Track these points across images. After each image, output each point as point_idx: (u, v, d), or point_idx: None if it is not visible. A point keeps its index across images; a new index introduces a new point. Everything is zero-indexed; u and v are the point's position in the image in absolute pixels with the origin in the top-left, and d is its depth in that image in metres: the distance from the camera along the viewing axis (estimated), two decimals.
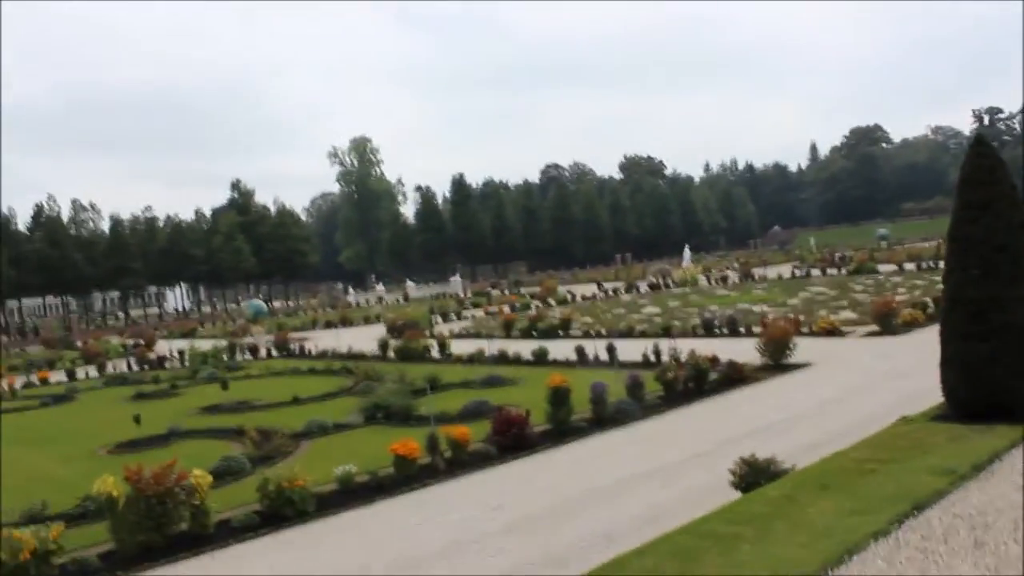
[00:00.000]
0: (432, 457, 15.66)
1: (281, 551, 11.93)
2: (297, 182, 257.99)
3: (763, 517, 9.14)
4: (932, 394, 14.50)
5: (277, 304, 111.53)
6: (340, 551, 11.61)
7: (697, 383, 20.63)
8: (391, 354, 35.73)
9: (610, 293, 65.98)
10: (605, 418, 18.16)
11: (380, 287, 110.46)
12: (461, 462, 15.79)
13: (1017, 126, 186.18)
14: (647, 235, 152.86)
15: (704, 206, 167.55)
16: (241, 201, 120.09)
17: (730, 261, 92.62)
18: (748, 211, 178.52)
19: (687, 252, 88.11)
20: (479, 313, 59.16)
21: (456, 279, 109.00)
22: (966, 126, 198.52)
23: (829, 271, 67.88)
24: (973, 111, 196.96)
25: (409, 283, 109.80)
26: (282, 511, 13.17)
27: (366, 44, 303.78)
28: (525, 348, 30.89)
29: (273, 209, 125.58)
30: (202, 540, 12.56)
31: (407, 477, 14.91)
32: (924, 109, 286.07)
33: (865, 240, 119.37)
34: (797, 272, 67.96)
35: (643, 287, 68.83)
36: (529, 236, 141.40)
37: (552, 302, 61.27)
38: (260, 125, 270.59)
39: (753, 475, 9.63)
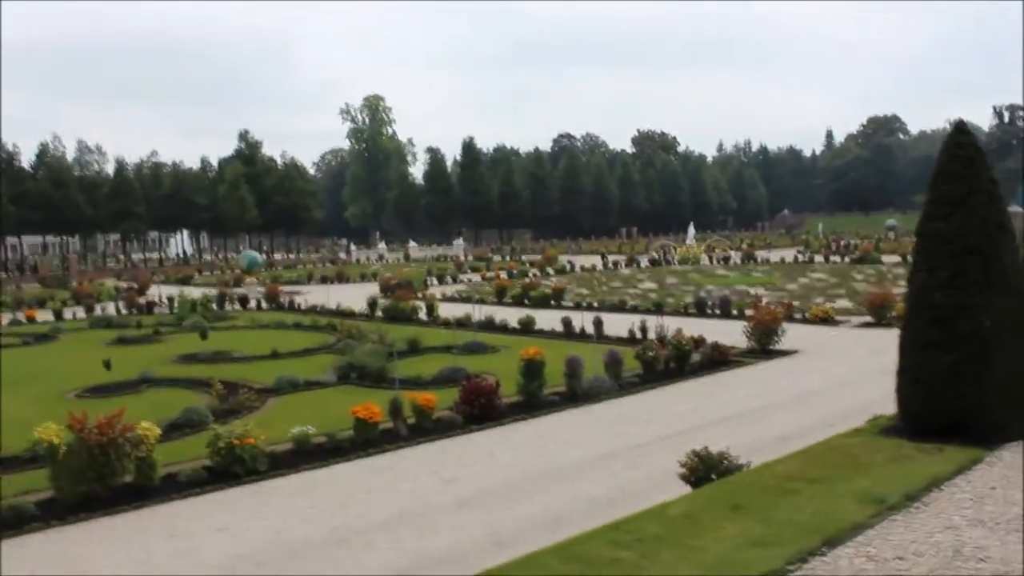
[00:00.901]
0: (394, 422, 15.23)
1: (223, 510, 11.51)
2: (309, 137, 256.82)
3: (653, 540, 7.97)
4: None
5: (278, 256, 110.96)
6: (283, 515, 11.18)
7: (678, 363, 20.14)
8: (379, 313, 35.30)
9: (611, 266, 65.46)
10: (579, 393, 17.71)
11: (382, 245, 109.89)
12: (424, 429, 15.37)
13: None
14: (655, 210, 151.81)
15: (715, 185, 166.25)
16: (248, 152, 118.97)
17: (735, 241, 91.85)
18: (759, 193, 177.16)
19: (691, 230, 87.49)
20: (476, 278, 58.72)
21: (459, 242, 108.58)
22: (985, 122, 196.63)
23: (832, 258, 67.32)
24: (994, 107, 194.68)
25: (411, 243, 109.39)
26: (231, 468, 12.75)
27: (388, 15, 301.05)
28: (514, 316, 30.42)
29: (280, 162, 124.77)
30: (145, 493, 12.15)
31: (366, 441, 14.48)
32: (944, 103, 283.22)
33: (874, 229, 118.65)
34: (800, 257, 67.44)
35: (644, 262, 68.28)
36: (536, 204, 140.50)
37: (551, 271, 60.79)
38: (277, 81, 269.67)
39: (704, 470, 9.08)
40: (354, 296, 41.30)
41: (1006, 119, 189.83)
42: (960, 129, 12.17)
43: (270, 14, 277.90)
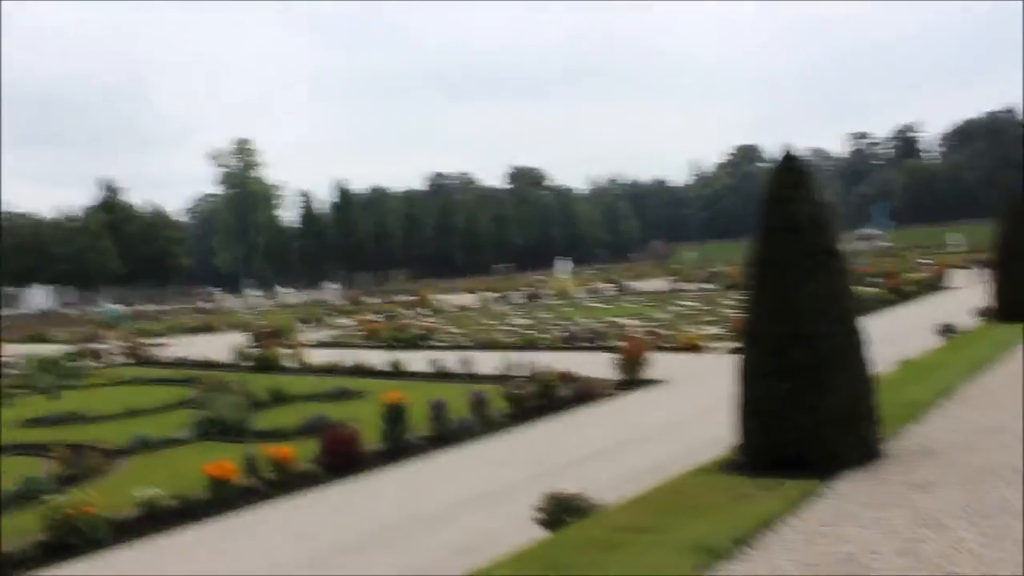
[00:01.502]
0: (252, 479, 14.57)
1: None
2: (180, 182, 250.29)
3: None
4: None
5: (145, 308, 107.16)
6: None
7: (547, 400, 19.98)
8: (245, 363, 34.22)
9: (485, 303, 65.42)
10: (445, 436, 17.33)
11: (252, 292, 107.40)
12: (284, 484, 14.71)
13: (886, 151, 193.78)
14: (530, 245, 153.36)
15: (587, 218, 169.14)
16: (109, 199, 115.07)
17: (608, 273, 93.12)
18: (631, 224, 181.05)
19: (558, 263, 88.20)
20: (348, 321, 57.76)
21: (332, 286, 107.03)
22: (843, 150, 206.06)
23: (703, 286, 68.76)
24: (846, 134, 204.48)
25: (282, 289, 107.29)
26: (68, 541, 11.88)
27: (253, 46, 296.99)
28: (384, 359, 29.87)
29: (145, 209, 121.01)
30: None
31: (221, 501, 13.77)
32: (804, 130, 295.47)
33: (744, 255, 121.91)
34: (671, 286, 68.70)
35: (517, 298, 68.45)
36: (411, 244, 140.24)
37: (424, 311, 60.34)
38: (142, 125, 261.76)
39: (559, 511, 8.83)
40: (221, 346, 39.99)
41: (857, 146, 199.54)
42: (789, 157, 11.97)
43: (122, 53, 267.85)
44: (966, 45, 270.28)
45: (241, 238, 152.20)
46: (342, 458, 15.43)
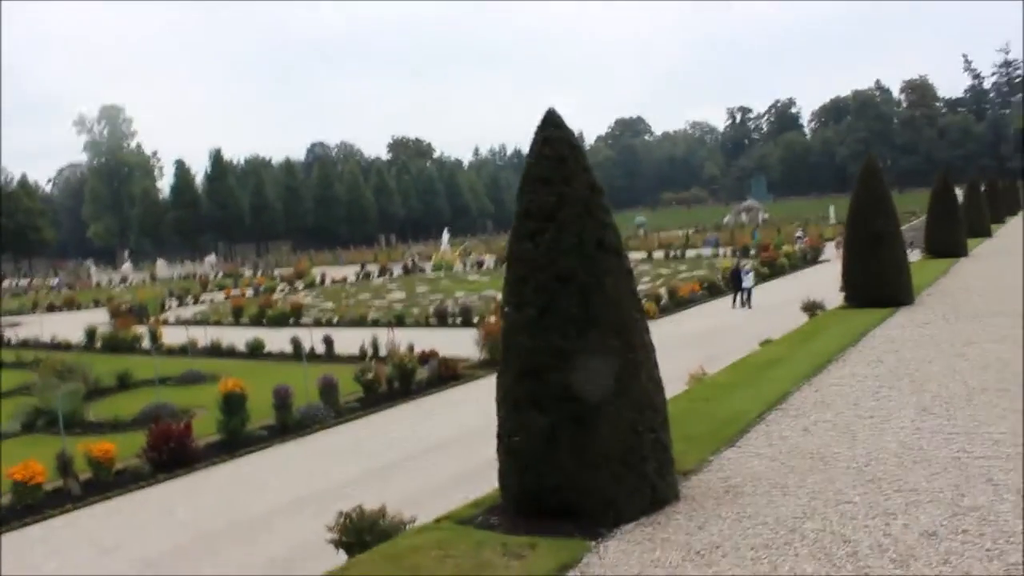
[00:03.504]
0: (64, 480, 13.31)
1: None
2: (41, 152, 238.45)
3: None
4: None
5: (7, 283, 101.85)
6: None
7: (402, 382, 19.09)
8: (98, 344, 32.35)
9: (364, 276, 64.00)
10: (290, 425, 16.31)
11: (127, 266, 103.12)
12: (103, 484, 13.52)
13: (764, 126, 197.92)
14: (413, 217, 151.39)
15: (471, 189, 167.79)
16: None
17: (491, 245, 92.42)
18: (515, 195, 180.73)
19: (445, 235, 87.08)
20: (221, 296, 55.63)
21: (211, 259, 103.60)
22: (720, 122, 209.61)
23: None
24: (727, 109, 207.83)
25: (160, 262, 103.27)
26: None
27: (128, 13, 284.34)
28: (248, 337, 28.45)
29: (2, 179, 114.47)
30: None
31: (27, 507, 12.50)
32: (684, 104, 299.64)
33: (625, 227, 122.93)
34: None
35: (397, 271, 67.16)
36: (291, 215, 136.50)
37: (300, 285, 58.62)
38: (3, 94, 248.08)
39: (355, 532, 7.87)
40: (80, 325, 37.75)
41: (738, 120, 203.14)
42: (549, 121, 9.41)
43: None
44: (842, 24, 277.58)
45: (114, 210, 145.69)
46: (170, 453, 14.27)
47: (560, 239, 8.75)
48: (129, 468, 14.07)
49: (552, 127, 9.36)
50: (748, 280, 32.40)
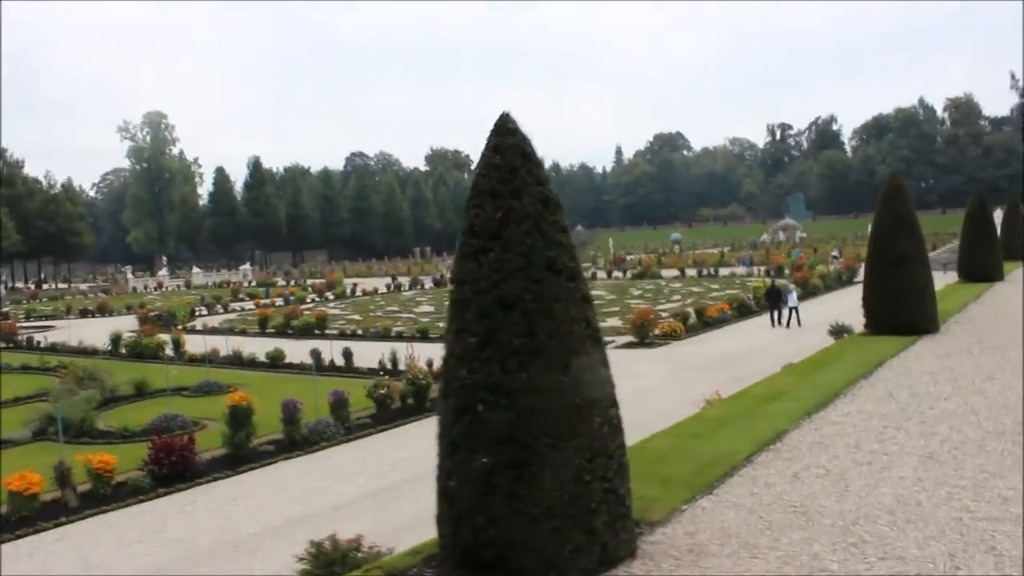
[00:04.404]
0: (62, 492, 13.10)
1: None
2: (87, 156, 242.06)
3: None
4: (654, 423, 13.64)
5: (47, 287, 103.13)
6: None
7: (417, 399, 18.75)
8: (123, 351, 32.41)
9: (394, 288, 63.91)
10: (298, 440, 16.04)
11: (163, 273, 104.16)
12: (101, 497, 13.30)
13: (805, 143, 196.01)
14: (449, 229, 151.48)
15: None
16: (6, 173, 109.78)
17: None
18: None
19: None
20: (251, 305, 55.75)
21: (246, 267, 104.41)
22: (760, 139, 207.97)
23: (615, 274, 68.21)
24: (767, 125, 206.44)
25: (196, 269, 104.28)
26: None
27: (171, 19, 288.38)
28: (270, 347, 28.30)
29: (46, 183, 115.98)
30: None
31: (21, 519, 12.29)
32: (724, 120, 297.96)
33: (662, 243, 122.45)
34: (584, 274, 67.87)
35: (428, 283, 67.01)
36: (327, 225, 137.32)
37: (330, 295, 58.63)
38: (48, 95, 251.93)
39: (325, 565, 7.47)
40: (107, 331, 37.87)
41: (778, 136, 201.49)
42: (503, 127, 8.47)
43: (27, 15, 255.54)
44: (885, 41, 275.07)
45: (154, 216, 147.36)
46: (172, 467, 14.05)
47: (505, 259, 7.85)
48: (130, 481, 13.84)
49: (504, 134, 8.40)
50: (792, 299, 32.21)
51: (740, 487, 10.28)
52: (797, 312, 31.54)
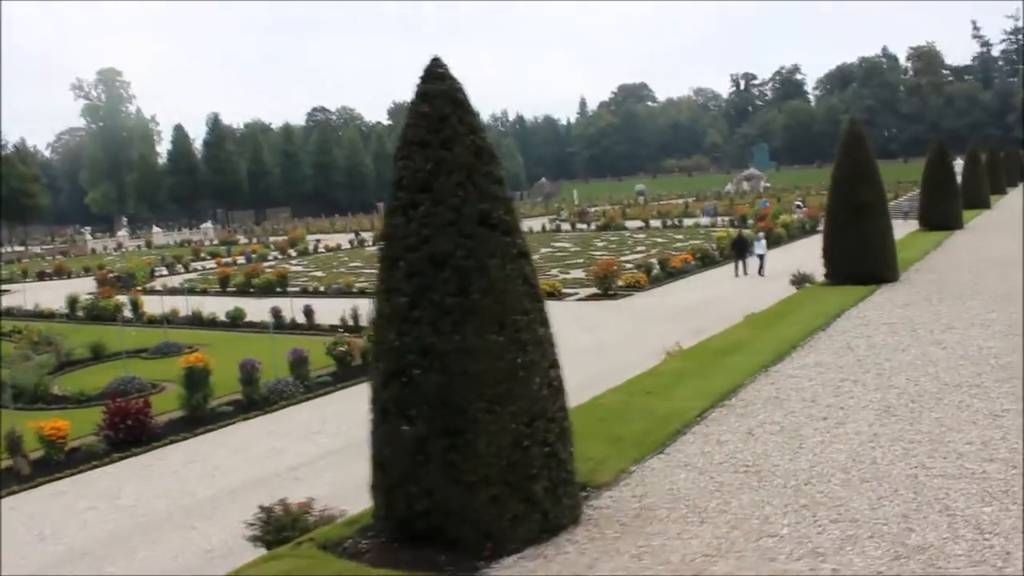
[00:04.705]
0: (13, 459, 12.80)
1: None
2: (40, 115, 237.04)
3: None
4: (611, 377, 13.49)
5: (2, 250, 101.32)
6: None
7: None
8: (80, 313, 31.87)
9: (358, 244, 63.37)
10: (257, 401, 15.82)
11: (123, 233, 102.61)
12: (55, 464, 13.03)
13: (769, 93, 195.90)
14: None
15: None
16: None
17: None
18: (516, 162, 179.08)
19: None
20: (213, 264, 55.06)
21: (207, 226, 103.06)
22: (724, 89, 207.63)
23: (579, 226, 68.05)
24: (731, 75, 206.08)
25: (156, 229, 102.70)
26: None
27: None
28: (229, 307, 27.91)
29: None
30: None
31: None
32: (689, 71, 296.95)
33: (626, 195, 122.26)
34: (548, 226, 67.73)
35: None
36: (289, 182, 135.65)
37: (293, 252, 58.07)
38: None
39: (275, 530, 7.30)
40: (65, 294, 37.23)
41: (742, 86, 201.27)
42: (432, 73, 7.99)
43: None
44: None
45: (112, 176, 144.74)
46: (128, 431, 13.77)
47: (435, 214, 7.37)
48: (84, 446, 13.56)
49: (433, 80, 7.88)
50: (760, 247, 32.38)
51: (692, 446, 10.04)
52: (763, 260, 31.61)
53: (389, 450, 7.40)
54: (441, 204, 7.37)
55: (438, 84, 7.84)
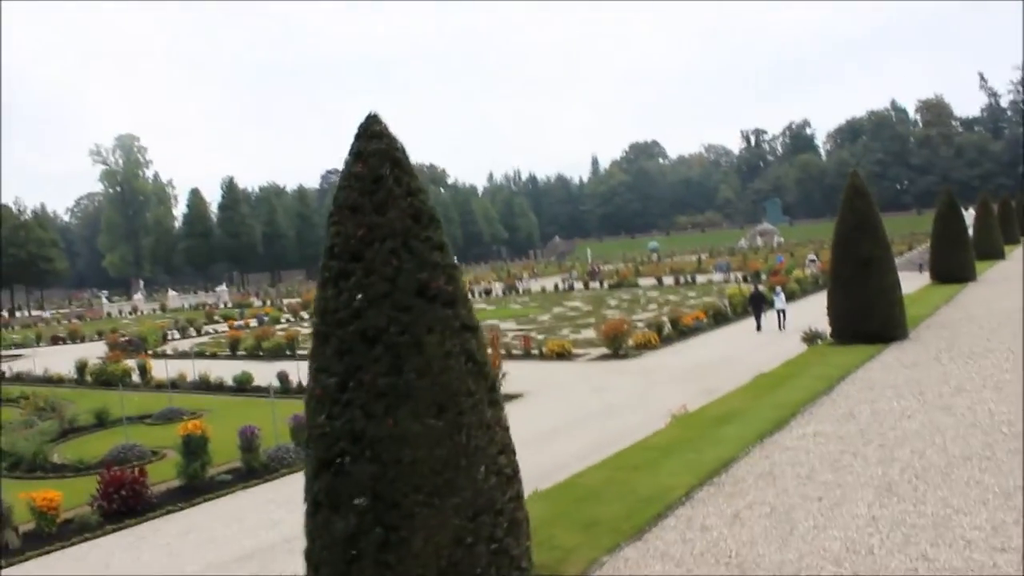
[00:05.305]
0: (2, 532, 12.51)
1: None
2: (60, 180, 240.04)
3: None
4: (615, 442, 13.41)
5: (19, 314, 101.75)
6: None
7: None
8: (89, 378, 31.74)
9: None
10: (256, 468, 15.52)
11: (139, 297, 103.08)
12: (46, 536, 12.73)
13: (780, 148, 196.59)
14: None
15: (485, 216, 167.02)
16: None
17: (501, 272, 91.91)
18: (530, 221, 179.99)
19: None
20: (225, 327, 55.01)
21: (222, 288, 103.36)
22: (735, 145, 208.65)
23: (592, 284, 67.87)
24: (741, 131, 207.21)
25: (171, 292, 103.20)
26: None
27: (143, 41, 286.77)
28: (237, 371, 27.71)
29: (15, 209, 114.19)
30: None
31: None
32: (699, 127, 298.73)
33: (639, 252, 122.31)
34: (560, 286, 67.60)
35: None
36: (304, 243, 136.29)
37: (305, 315, 57.93)
38: (17, 121, 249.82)
39: None
40: (76, 358, 37.13)
41: (753, 142, 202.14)
42: (368, 129, 7.42)
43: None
44: (856, 45, 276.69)
45: (128, 239, 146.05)
46: (123, 502, 13.49)
47: (367, 285, 6.83)
48: (78, 518, 13.27)
49: (369, 138, 7.30)
50: (780, 301, 32.23)
51: (673, 531, 9.40)
52: (783, 315, 31.36)
53: (320, 546, 6.75)
54: (374, 274, 6.86)
55: (374, 142, 7.26)
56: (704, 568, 8.24)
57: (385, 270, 6.85)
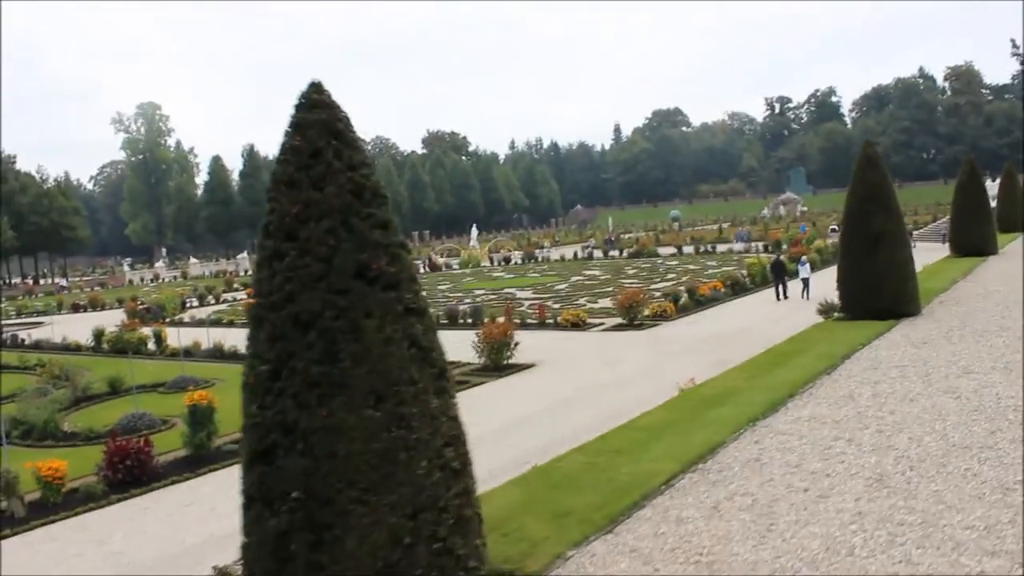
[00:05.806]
0: (7, 501, 12.52)
1: None
2: (82, 148, 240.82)
3: None
4: (622, 415, 13.23)
5: (45, 282, 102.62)
6: None
7: None
8: (105, 346, 31.85)
9: None
10: None
11: (160, 264, 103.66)
12: (51, 506, 12.74)
13: (804, 116, 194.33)
14: (447, 211, 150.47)
15: (506, 183, 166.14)
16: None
17: (522, 240, 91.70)
18: (551, 189, 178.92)
19: (474, 231, 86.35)
20: (244, 295, 55.11)
21: (243, 256, 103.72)
22: (759, 113, 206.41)
23: (612, 253, 67.53)
24: (765, 99, 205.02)
25: (192, 260, 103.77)
26: None
27: (164, 13, 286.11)
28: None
29: (39, 177, 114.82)
30: None
31: None
32: (723, 95, 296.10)
33: (661, 220, 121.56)
34: (580, 254, 67.28)
35: (422, 267, 66.41)
36: None
37: None
38: (41, 90, 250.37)
39: None
40: (95, 326, 37.33)
41: (777, 110, 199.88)
42: (309, 99, 7.02)
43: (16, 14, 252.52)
44: (884, 10, 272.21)
45: (151, 208, 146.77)
46: (128, 471, 13.47)
47: (301, 266, 6.42)
48: (84, 487, 13.27)
49: (309, 108, 6.87)
50: (804, 270, 32.07)
51: (647, 524, 8.97)
52: (807, 284, 31.13)
53: (253, 543, 6.43)
54: (308, 254, 6.45)
55: (315, 112, 6.82)
56: (672, 567, 7.85)
57: (320, 250, 6.48)
